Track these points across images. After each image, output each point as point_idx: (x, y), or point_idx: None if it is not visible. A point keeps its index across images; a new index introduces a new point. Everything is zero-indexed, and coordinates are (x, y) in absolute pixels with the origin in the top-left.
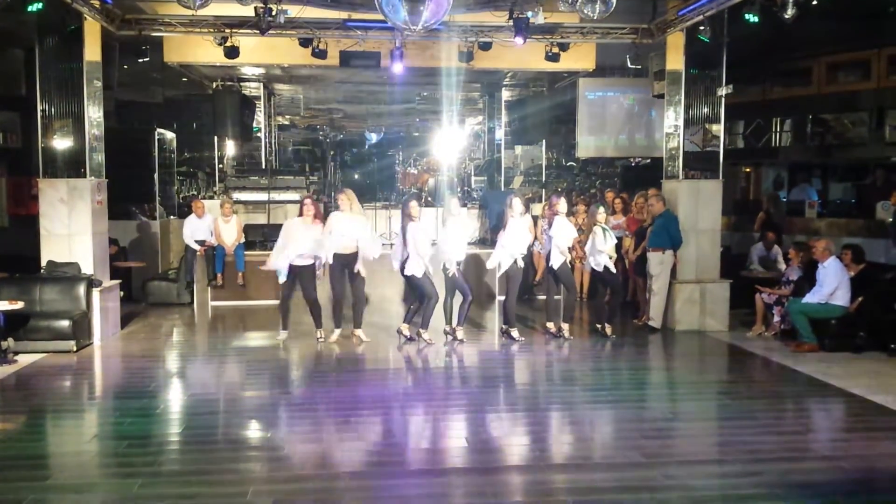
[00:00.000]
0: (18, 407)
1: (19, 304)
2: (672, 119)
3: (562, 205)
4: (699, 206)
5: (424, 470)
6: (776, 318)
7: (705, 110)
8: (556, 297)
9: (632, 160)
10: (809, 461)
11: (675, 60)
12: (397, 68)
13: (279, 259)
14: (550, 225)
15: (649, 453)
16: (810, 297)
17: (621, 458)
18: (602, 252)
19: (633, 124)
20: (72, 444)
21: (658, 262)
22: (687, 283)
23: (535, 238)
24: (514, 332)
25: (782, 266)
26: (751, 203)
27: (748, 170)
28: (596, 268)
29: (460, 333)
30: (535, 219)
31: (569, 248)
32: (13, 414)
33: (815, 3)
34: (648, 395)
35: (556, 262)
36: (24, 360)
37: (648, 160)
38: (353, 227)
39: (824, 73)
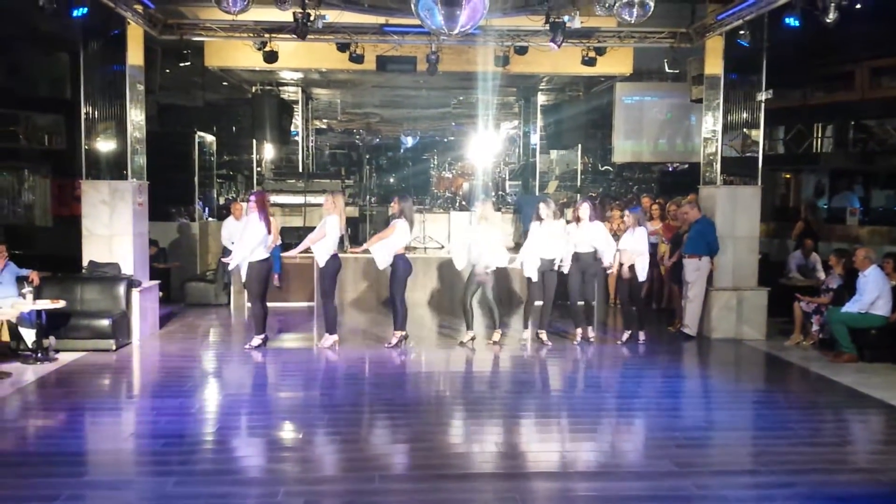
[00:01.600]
0: (58, 404)
1: (61, 303)
2: (710, 124)
3: (583, 210)
4: (737, 212)
5: (452, 475)
6: (815, 328)
7: (745, 115)
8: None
9: (669, 165)
10: (845, 474)
11: (714, 65)
12: (433, 73)
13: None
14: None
15: (682, 462)
16: (850, 307)
17: (653, 466)
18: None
19: (671, 129)
20: (109, 442)
21: (694, 269)
22: (724, 291)
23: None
24: (543, 335)
25: (821, 274)
26: (790, 210)
27: (788, 176)
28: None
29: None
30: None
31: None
32: (53, 411)
33: (857, 6)
34: (682, 404)
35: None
36: (64, 357)
37: (686, 165)
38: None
39: (867, 78)
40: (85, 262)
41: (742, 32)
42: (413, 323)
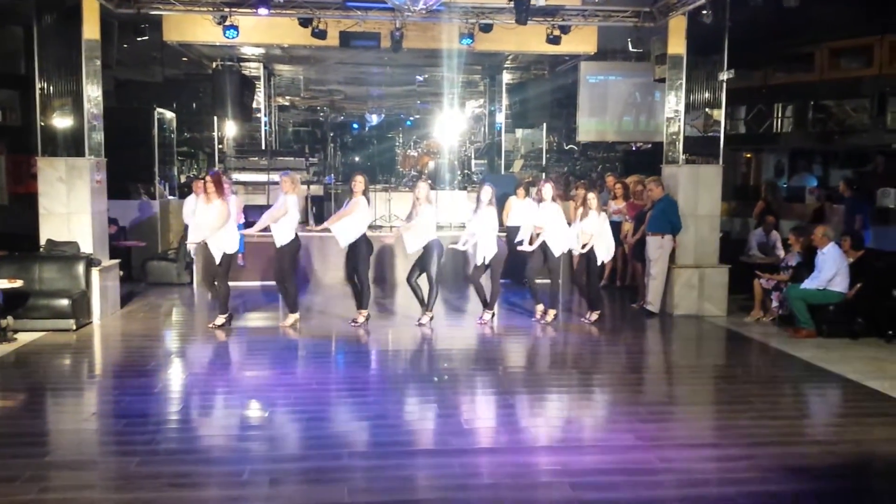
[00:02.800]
0: (18, 384)
1: (19, 283)
2: (673, 103)
3: (546, 190)
4: (699, 191)
5: (423, 450)
6: (774, 304)
7: (706, 95)
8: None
9: (633, 145)
10: (804, 445)
11: (677, 44)
12: (397, 49)
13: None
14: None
15: (645, 436)
16: (809, 283)
17: (617, 440)
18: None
19: (635, 108)
20: (70, 422)
21: (657, 247)
22: (686, 268)
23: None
24: (487, 315)
25: (781, 252)
26: (751, 189)
27: (749, 155)
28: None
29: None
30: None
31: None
32: (12, 391)
33: None
34: (645, 379)
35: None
36: (23, 338)
37: (650, 145)
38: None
39: (826, 59)
40: (42, 241)
41: (704, 12)
42: (387, 302)
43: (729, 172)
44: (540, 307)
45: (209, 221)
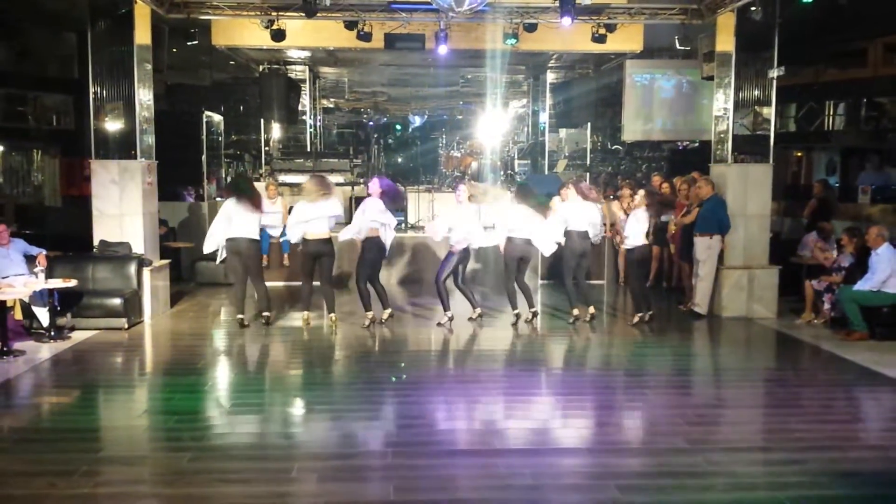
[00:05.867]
0: (73, 381)
1: (73, 282)
2: (721, 102)
3: (571, 193)
4: (748, 190)
5: (466, 451)
6: (826, 306)
7: (756, 93)
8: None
9: (679, 144)
10: (856, 450)
11: (726, 42)
12: (442, 50)
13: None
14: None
15: (693, 439)
16: (862, 285)
17: (664, 443)
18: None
19: (682, 107)
20: (123, 419)
21: (705, 248)
22: (734, 269)
23: None
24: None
25: (834, 254)
26: (802, 188)
27: (800, 154)
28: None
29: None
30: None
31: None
32: (68, 388)
33: None
34: (693, 382)
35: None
36: (77, 336)
37: (697, 143)
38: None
39: (880, 55)
40: (96, 242)
41: (753, 9)
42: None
43: (779, 171)
44: (575, 310)
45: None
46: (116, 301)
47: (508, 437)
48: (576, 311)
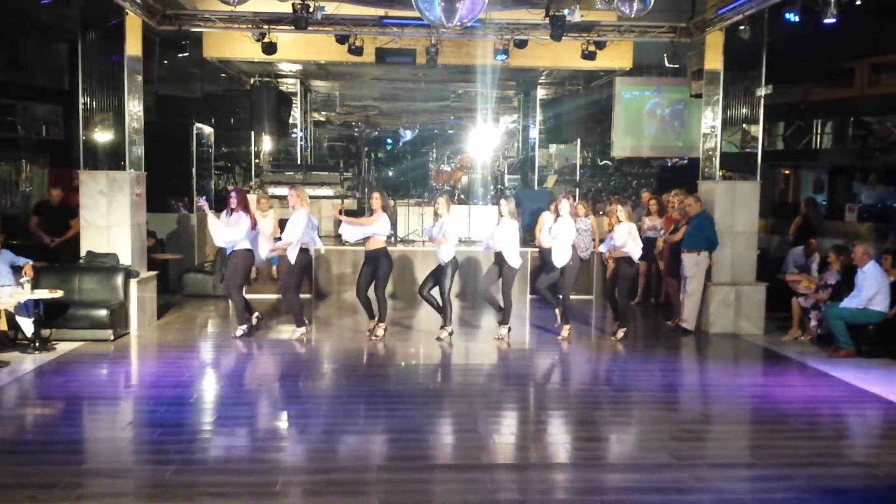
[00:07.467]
0: (57, 393)
1: (59, 293)
2: (710, 119)
3: (564, 206)
4: (736, 207)
5: (452, 465)
6: (813, 323)
7: (744, 111)
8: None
9: (668, 160)
10: (842, 467)
11: (714, 60)
12: (433, 66)
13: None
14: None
15: (679, 455)
16: (848, 302)
17: (650, 459)
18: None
19: (670, 124)
20: (107, 431)
21: (693, 264)
22: (722, 286)
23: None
24: (503, 330)
25: (817, 274)
26: (789, 206)
27: (787, 172)
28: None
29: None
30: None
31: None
32: (52, 399)
33: (858, 2)
34: (679, 397)
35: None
36: (62, 347)
37: (685, 160)
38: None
39: (867, 75)
40: (83, 253)
41: (742, 28)
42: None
43: (766, 189)
44: (566, 327)
45: (233, 230)
46: (102, 312)
47: (495, 451)
48: (567, 328)
